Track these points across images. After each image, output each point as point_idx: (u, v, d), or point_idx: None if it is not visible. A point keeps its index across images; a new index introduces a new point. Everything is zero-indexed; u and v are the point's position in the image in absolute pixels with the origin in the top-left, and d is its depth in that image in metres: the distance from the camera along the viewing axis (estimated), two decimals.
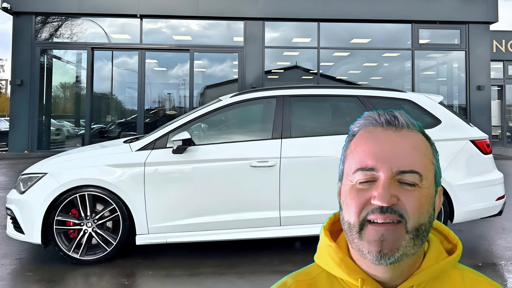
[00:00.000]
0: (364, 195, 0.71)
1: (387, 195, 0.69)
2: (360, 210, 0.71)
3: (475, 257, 3.84)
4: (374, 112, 0.78)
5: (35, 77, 11.53)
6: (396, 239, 0.69)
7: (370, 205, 0.70)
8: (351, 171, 0.74)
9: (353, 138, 0.78)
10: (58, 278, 3.40)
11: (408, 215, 0.69)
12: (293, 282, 0.80)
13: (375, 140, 0.74)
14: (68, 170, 3.74)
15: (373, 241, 0.69)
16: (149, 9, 11.69)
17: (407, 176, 0.71)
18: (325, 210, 3.70)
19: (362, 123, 0.78)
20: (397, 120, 0.75)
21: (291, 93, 4.16)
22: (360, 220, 0.71)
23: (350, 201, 0.73)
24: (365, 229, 0.70)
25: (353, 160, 0.75)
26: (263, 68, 11.97)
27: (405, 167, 0.71)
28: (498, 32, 14.63)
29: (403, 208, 0.69)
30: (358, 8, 11.93)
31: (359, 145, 0.75)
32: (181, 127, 3.92)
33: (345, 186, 0.76)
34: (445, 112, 4.21)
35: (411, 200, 0.70)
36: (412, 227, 0.70)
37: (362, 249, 0.71)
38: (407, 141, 0.74)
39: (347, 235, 0.74)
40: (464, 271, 0.80)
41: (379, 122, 0.76)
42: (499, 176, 4.15)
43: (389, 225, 0.69)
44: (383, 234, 0.69)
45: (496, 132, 15.01)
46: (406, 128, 0.75)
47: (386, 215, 0.69)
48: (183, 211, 3.72)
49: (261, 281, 3.38)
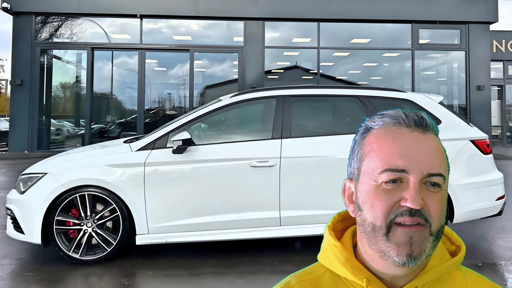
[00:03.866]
0: (393, 196, 0.70)
1: (419, 199, 0.69)
2: (388, 212, 0.70)
3: (475, 257, 3.84)
4: (400, 111, 0.76)
5: (35, 77, 11.53)
6: (422, 241, 0.69)
7: (399, 207, 0.70)
8: (375, 171, 0.72)
9: (367, 134, 0.76)
10: (58, 278, 3.40)
11: (432, 219, 0.70)
12: (296, 282, 0.79)
13: (404, 140, 0.72)
14: (68, 170, 3.74)
15: (403, 243, 0.69)
16: (149, 9, 11.69)
17: (435, 179, 0.71)
18: (325, 210, 3.71)
19: (386, 121, 0.75)
20: (425, 121, 0.75)
21: (291, 93, 4.16)
22: (388, 222, 0.70)
23: (377, 202, 0.71)
24: (393, 231, 0.70)
25: (377, 159, 0.73)
26: (263, 68, 11.97)
27: (434, 170, 0.71)
28: (498, 32, 14.64)
29: (428, 212, 0.70)
30: (358, 8, 11.93)
31: (385, 145, 0.73)
32: (181, 127, 3.93)
33: (366, 185, 0.74)
34: (445, 112, 4.21)
35: (435, 203, 0.71)
36: (435, 230, 0.70)
37: (388, 252, 0.70)
38: (433, 143, 0.74)
39: (368, 237, 0.73)
40: (466, 273, 0.80)
41: (406, 122, 0.74)
42: (499, 176, 4.15)
43: (417, 227, 0.69)
44: (412, 236, 0.69)
45: (496, 132, 15.01)
46: (431, 130, 0.75)
47: (415, 218, 0.69)
48: (183, 211, 3.72)
49: (261, 281, 3.38)
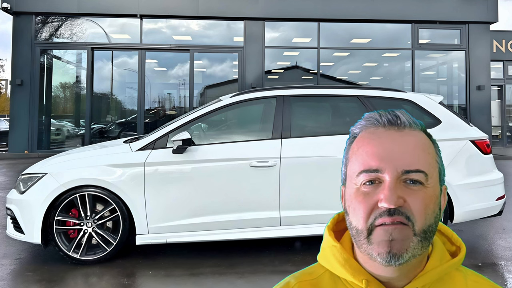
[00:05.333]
0: (371, 198, 0.70)
1: (394, 197, 0.68)
2: (368, 216, 0.70)
3: (475, 257, 3.84)
4: (375, 113, 0.76)
5: (35, 77, 11.53)
6: (404, 239, 0.68)
7: (378, 208, 0.69)
8: (354, 174, 0.73)
9: (354, 140, 0.77)
10: (58, 278, 3.40)
11: (415, 218, 0.68)
12: (296, 282, 0.79)
13: (378, 140, 0.72)
14: (68, 170, 3.74)
15: (382, 241, 0.68)
16: (149, 9, 11.69)
17: (412, 175, 0.69)
18: (325, 210, 3.71)
19: (363, 124, 0.76)
20: (399, 120, 0.74)
21: (291, 93, 4.16)
22: (368, 225, 0.70)
23: (358, 205, 0.71)
24: (374, 233, 0.69)
25: (356, 162, 0.73)
26: (263, 68, 11.97)
27: (410, 167, 0.70)
28: (498, 32, 14.63)
29: (409, 210, 0.68)
30: (358, 8, 11.93)
31: (362, 147, 0.74)
32: (181, 127, 3.92)
33: (349, 189, 0.74)
34: (445, 112, 4.21)
35: (417, 202, 0.69)
36: (419, 230, 0.69)
37: (371, 253, 0.70)
38: (410, 140, 0.72)
39: (355, 240, 0.73)
40: (467, 274, 0.80)
41: (380, 122, 0.74)
42: (499, 176, 4.15)
43: (397, 225, 0.68)
44: (392, 233, 0.68)
45: (496, 132, 15.01)
46: (408, 127, 0.74)
47: (394, 217, 0.68)
48: (183, 211, 3.72)
49: (261, 281, 3.38)
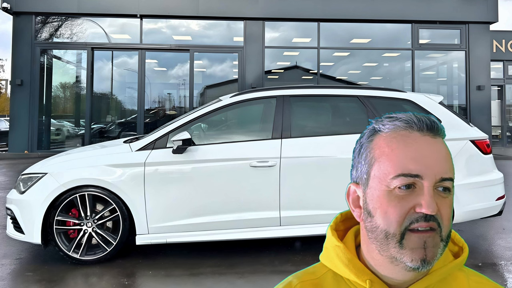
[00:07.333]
0: (407, 203, 0.69)
1: (434, 204, 0.68)
2: (402, 220, 0.69)
3: (475, 257, 3.84)
4: (411, 115, 0.74)
5: (35, 77, 11.53)
6: (435, 246, 0.69)
7: (413, 213, 0.69)
8: (388, 176, 0.71)
9: (375, 137, 0.75)
10: (58, 278, 3.40)
11: (443, 224, 0.70)
12: (298, 282, 0.79)
13: (416, 145, 0.71)
14: (68, 170, 3.74)
15: (418, 248, 0.68)
16: (149, 9, 11.69)
17: (446, 183, 0.70)
18: (325, 210, 3.71)
19: (397, 125, 0.74)
20: (436, 126, 0.74)
21: (291, 93, 4.16)
22: (402, 229, 0.69)
23: (391, 208, 0.70)
24: (407, 237, 0.69)
25: (390, 164, 0.71)
26: (263, 68, 11.97)
27: (446, 174, 0.70)
28: (498, 32, 14.63)
29: (440, 217, 0.69)
30: (358, 8, 11.93)
31: (397, 149, 0.72)
32: (181, 127, 3.92)
33: (377, 191, 0.72)
34: (445, 112, 4.21)
35: (446, 208, 0.70)
36: (445, 235, 0.70)
37: (401, 258, 0.69)
38: (442, 147, 0.73)
39: (380, 244, 0.71)
40: (469, 274, 0.80)
41: (418, 126, 0.73)
42: (499, 176, 4.15)
43: (430, 232, 0.69)
44: (426, 241, 0.68)
45: (496, 132, 15.00)
46: (440, 134, 0.74)
47: (430, 223, 0.68)
48: (183, 211, 3.72)
49: (261, 281, 3.38)
